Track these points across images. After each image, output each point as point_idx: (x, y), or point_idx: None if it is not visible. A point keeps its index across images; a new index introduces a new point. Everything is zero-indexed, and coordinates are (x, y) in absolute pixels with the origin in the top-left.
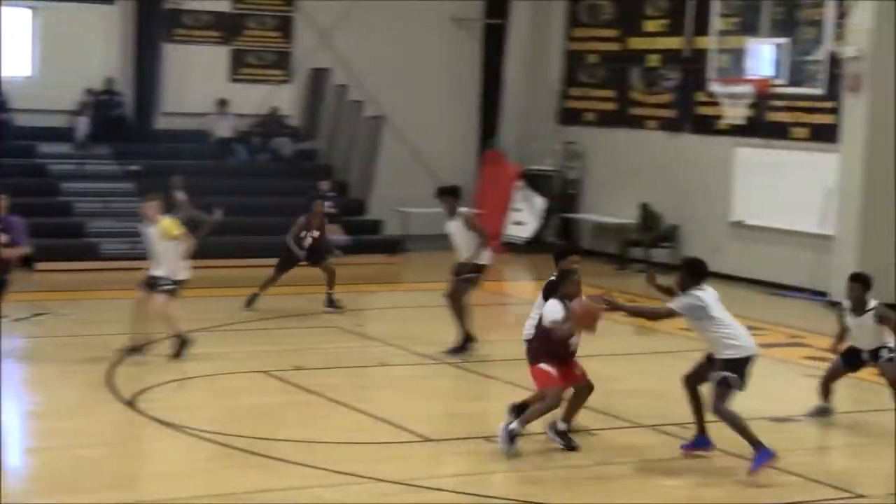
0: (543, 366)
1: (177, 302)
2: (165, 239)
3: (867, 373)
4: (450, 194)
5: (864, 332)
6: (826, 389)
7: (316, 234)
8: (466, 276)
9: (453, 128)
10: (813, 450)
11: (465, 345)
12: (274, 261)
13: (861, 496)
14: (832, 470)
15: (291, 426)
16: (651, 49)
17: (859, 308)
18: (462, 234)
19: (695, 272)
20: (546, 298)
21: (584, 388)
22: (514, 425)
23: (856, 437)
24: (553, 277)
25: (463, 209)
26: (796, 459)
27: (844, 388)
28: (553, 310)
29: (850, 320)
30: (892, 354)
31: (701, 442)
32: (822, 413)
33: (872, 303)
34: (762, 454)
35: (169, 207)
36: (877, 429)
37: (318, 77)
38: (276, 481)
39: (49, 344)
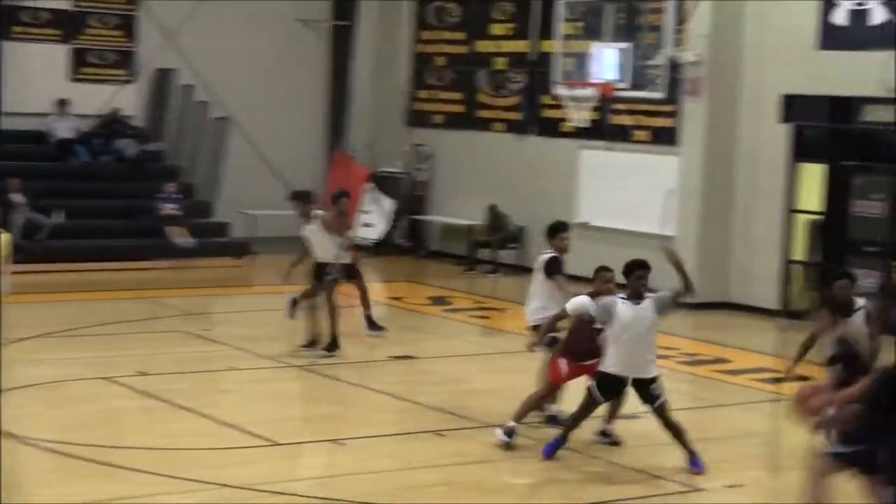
0: (560, 360)
1: None
2: None
3: (706, 369)
4: (303, 198)
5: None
6: None
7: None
8: (332, 278)
9: (301, 129)
10: (654, 446)
11: (332, 345)
12: (118, 264)
13: (699, 489)
14: (669, 465)
15: (136, 433)
16: (497, 52)
17: (848, 308)
18: (319, 237)
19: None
20: (549, 276)
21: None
22: (550, 410)
23: (694, 432)
24: (550, 254)
25: (318, 212)
26: (638, 454)
27: (686, 384)
28: (580, 304)
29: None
30: None
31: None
32: None
33: (860, 302)
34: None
35: (6, 210)
36: (711, 425)
37: (163, 77)
38: (121, 489)
39: None
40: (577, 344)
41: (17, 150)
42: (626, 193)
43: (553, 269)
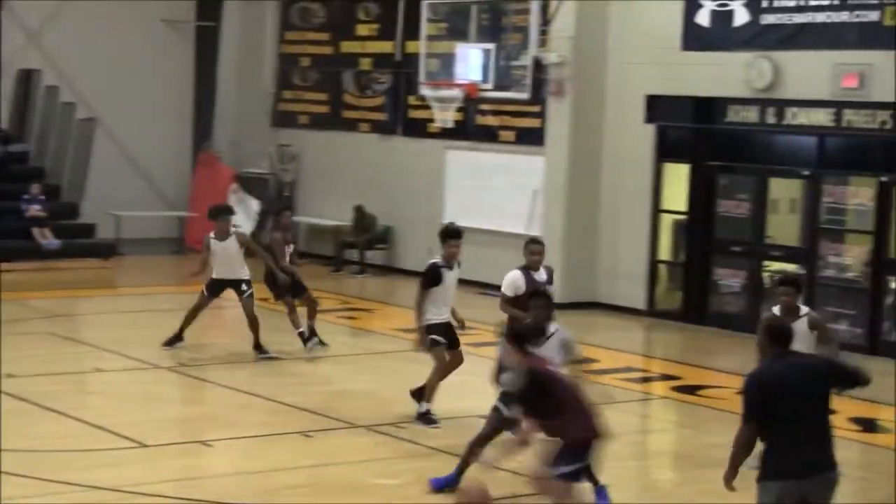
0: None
1: None
2: None
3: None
4: (227, 213)
5: (798, 341)
6: None
7: (292, 247)
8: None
9: (167, 130)
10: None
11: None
12: None
13: None
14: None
15: (5, 435)
16: (363, 53)
17: (793, 315)
18: (235, 254)
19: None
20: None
21: None
22: (422, 407)
23: None
24: (433, 261)
25: (239, 229)
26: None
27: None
28: (512, 279)
29: None
30: None
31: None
32: None
33: (804, 309)
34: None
35: None
36: None
37: (27, 78)
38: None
39: None
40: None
41: None
42: (492, 194)
43: (424, 280)
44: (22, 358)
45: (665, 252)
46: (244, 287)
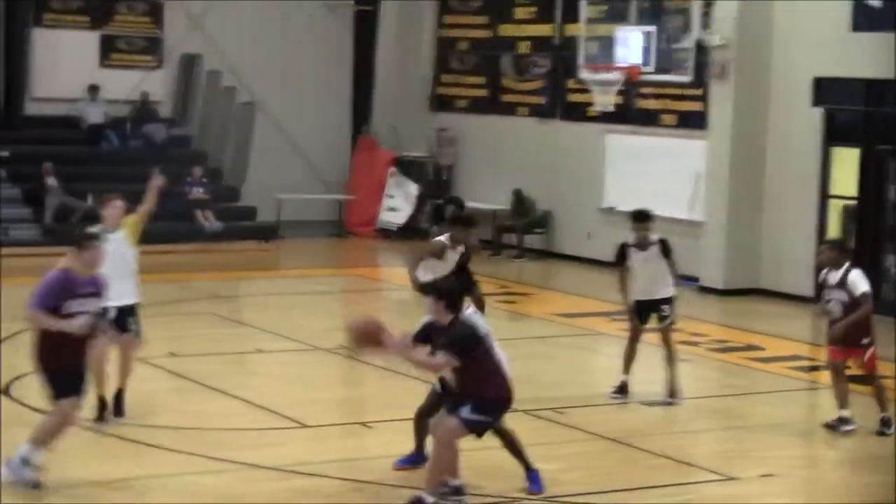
0: None
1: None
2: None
3: (736, 356)
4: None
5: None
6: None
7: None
8: None
9: (326, 114)
10: (684, 433)
11: None
12: (147, 247)
13: (732, 478)
14: (702, 453)
15: (167, 413)
16: (522, 36)
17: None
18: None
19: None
20: None
21: None
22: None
23: (726, 420)
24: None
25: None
26: (668, 442)
27: (716, 371)
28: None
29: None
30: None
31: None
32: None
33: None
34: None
35: (40, 193)
36: (744, 413)
37: (190, 63)
38: (151, 468)
39: None
40: None
41: (49, 135)
42: (653, 178)
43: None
44: (184, 338)
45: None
46: None
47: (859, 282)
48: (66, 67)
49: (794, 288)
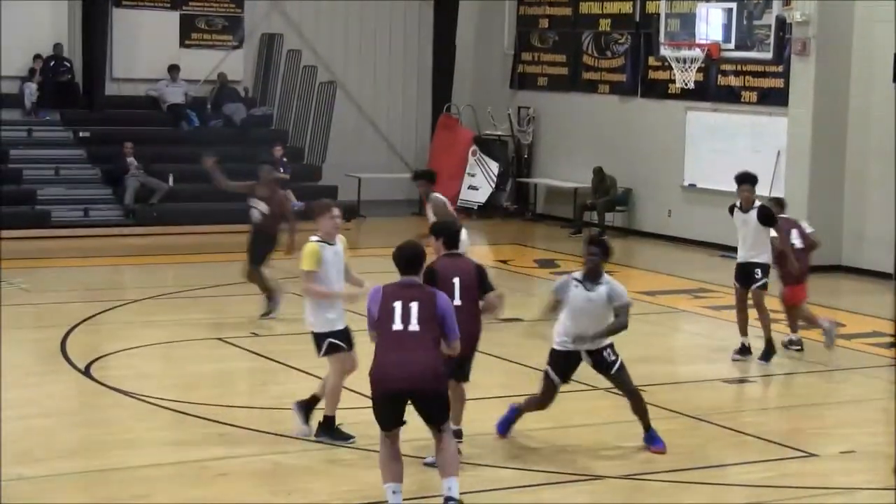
0: None
1: None
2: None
3: (818, 333)
4: (425, 178)
5: None
6: None
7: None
8: None
9: (407, 93)
10: (766, 410)
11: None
12: (228, 227)
13: (813, 454)
14: (784, 430)
15: (247, 393)
16: (602, 13)
17: None
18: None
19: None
20: None
21: None
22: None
23: (808, 397)
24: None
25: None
26: (750, 419)
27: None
28: None
29: None
30: None
31: None
32: None
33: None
34: None
35: (123, 173)
36: (826, 389)
37: (270, 43)
38: (233, 448)
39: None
40: None
41: (130, 116)
42: (734, 155)
43: None
44: (267, 318)
45: None
46: None
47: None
48: (146, 48)
49: (875, 265)
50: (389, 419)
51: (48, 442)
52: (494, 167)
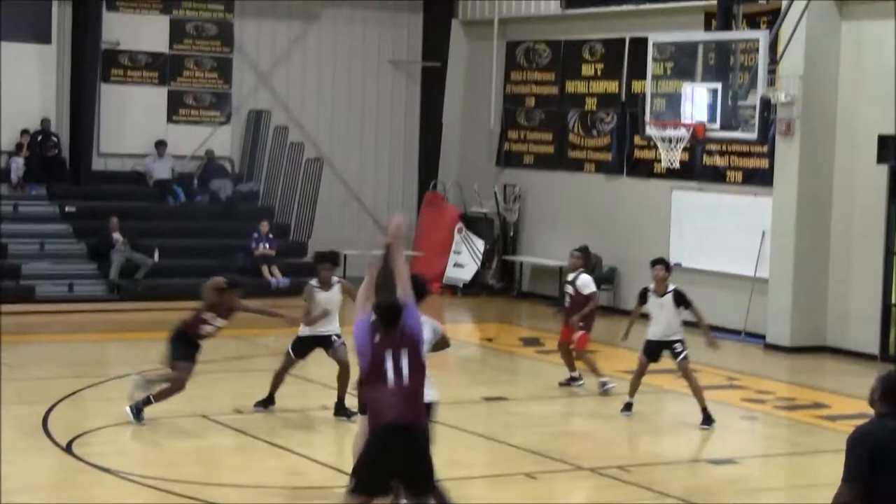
0: None
1: None
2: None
3: (803, 414)
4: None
5: None
6: None
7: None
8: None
9: (393, 170)
10: (751, 491)
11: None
12: None
13: None
14: None
15: (231, 470)
16: (588, 92)
17: None
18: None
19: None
20: None
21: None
22: None
23: (793, 479)
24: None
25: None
26: (735, 501)
27: (783, 429)
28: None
29: None
30: None
31: None
32: None
33: None
34: None
35: (106, 249)
36: (811, 471)
37: (258, 119)
38: None
39: None
40: None
41: (116, 191)
42: (719, 235)
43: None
44: (249, 394)
45: None
46: (335, 338)
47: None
48: (133, 123)
49: (860, 346)
50: None
51: None
52: (480, 245)
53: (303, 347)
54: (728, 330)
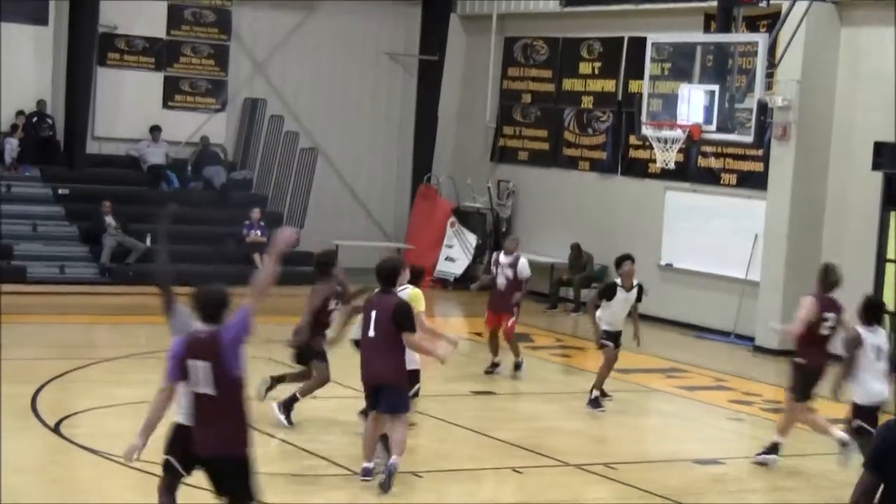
0: None
1: None
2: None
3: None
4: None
5: None
6: None
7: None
8: None
9: (387, 162)
10: (737, 492)
11: None
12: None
13: None
14: None
15: None
16: (585, 91)
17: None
18: None
19: None
20: None
21: None
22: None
23: (778, 480)
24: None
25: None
26: (721, 501)
27: (769, 432)
28: None
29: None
30: None
31: None
32: None
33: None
34: None
35: (101, 231)
36: (795, 473)
37: (253, 107)
38: None
39: None
40: None
41: (109, 175)
42: (712, 236)
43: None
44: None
45: (890, 303)
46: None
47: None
48: (128, 107)
49: None
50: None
51: (13, 499)
52: (472, 239)
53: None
54: (717, 331)
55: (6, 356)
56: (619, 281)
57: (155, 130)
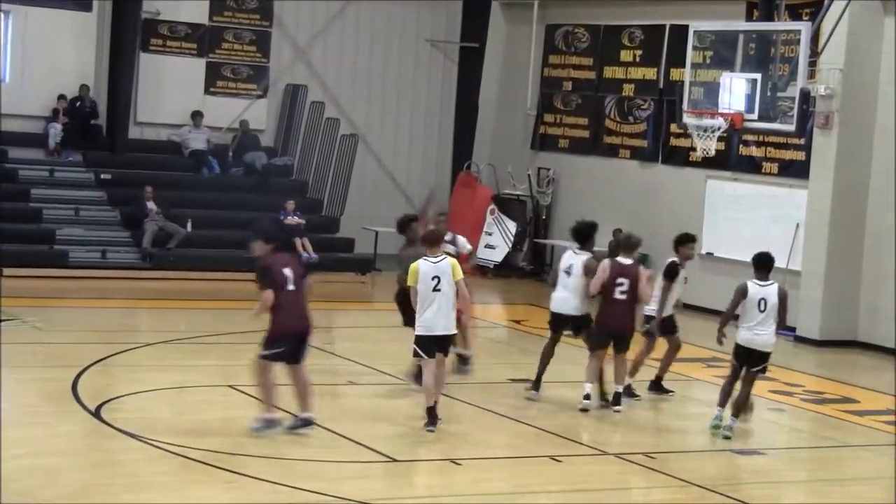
0: None
1: None
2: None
3: (831, 408)
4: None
5: None
6: None
7: None
8: None
9: (427, 148)
10: (775, 483)
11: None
12: (244, 275)
13: None
14: None
15: (256, 441)
16: (626, 79)
17: None
18: None
19: None
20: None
21: None
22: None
23: (818, 472)
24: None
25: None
26: (759, 492)
27: (810, 423)
28: None
29: None
30: None
31: None
32: None
33: None
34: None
35: (142, 216)
36: (836, 466)
37: (294, 93)
38: (238, 496)
39: (13, 351)
40: None
41: (151, 160)
42: (753, 225)
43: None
44: (277, 367)
45: None
46: None
47: None
48: (170, 93)
49: (892, 341)
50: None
51: (52, 482)
52: (512, 227)
53: None
54: None
55: (47, 340)
56: (677, 259)
57: (197, 116)
